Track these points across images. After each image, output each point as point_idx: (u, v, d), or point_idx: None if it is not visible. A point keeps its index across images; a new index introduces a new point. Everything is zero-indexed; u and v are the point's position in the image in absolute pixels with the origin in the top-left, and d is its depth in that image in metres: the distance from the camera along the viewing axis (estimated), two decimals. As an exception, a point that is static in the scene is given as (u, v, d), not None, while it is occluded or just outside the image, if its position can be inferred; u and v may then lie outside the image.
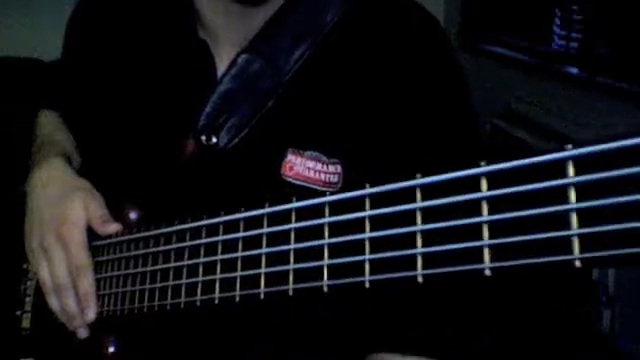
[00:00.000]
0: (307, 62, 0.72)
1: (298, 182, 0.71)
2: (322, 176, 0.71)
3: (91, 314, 0.73)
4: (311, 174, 0.71)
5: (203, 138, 0.73)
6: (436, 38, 0.75)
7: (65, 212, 0.74)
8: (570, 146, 0.33)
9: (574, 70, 2.24)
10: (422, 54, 0.72)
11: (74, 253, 0.73)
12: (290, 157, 0.71)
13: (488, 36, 2.84)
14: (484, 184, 0.37)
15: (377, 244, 0.44)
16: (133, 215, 0.75)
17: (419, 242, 0.41)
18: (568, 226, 0.33)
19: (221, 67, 0.75)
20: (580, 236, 0.32)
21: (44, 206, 0.76)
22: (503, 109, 2.48)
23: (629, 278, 1.60)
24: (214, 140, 0.72)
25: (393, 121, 0.71)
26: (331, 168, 0.71)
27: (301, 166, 0.71)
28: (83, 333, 0.76)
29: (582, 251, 0.32)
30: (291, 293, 0.50)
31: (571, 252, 0.32)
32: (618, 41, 2.06)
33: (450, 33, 2.89)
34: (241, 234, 0.57)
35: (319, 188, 0.71)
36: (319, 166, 0.71)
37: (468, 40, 2.89)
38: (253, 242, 0.56)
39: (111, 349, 0.75)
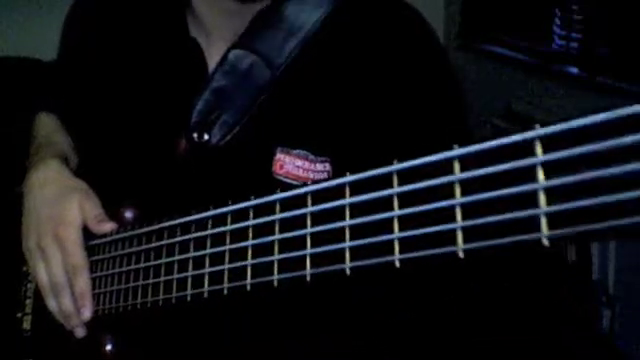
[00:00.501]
0: (297, 58, 0.72)
1: (289, 180, 0.71)
2: (311, 174, 0.71)
3: (87, 313, 0.74)
4: (300, 172, 0.71)
5: (195, 135, 0.73)
6: (425, 36, 0.75)
7: (61, 212, 0.75)
8: (538, 126, 0.33)
9: (574, 70, 2.24)
10: (410, 51, 0.72)
11: (70, 253, 0.73)
12: (279, 155, 0.71)
13: (488, 36, 2.83)
14: (457, 167, 0.37)
15: (357, 231, 0.44)
16: (128, 214, 0.76)
17: (396, 227, 0.41)
18: (537, 205, 0.33)
19: (212, 63, 0.75)
20: (547, 214, 0.32)
21: (41, 207, 0.77)
22: (503, 109, 2.47)
23: (629, 278, 1.59)
24: (206, 137, 0.73)
25: (382, 118, 0.71)
26: (319, 166, 0.71)
27: (290, 164, 0.71)
28: (80, 332, 0.76)
29: (550, 229, 0.32)
30: (276, 284, 0.51)
31: (539, 231, 0.33)
32: (618, 41, 2.05)
33: (450, 33, 2.88)
34: (228, 227, 0.57)
35: None
36: (307, 164, 0.71)
37: (468, 40, 2.89)
38: (240, 235, 0.56)
39: (108, 347, 0.76)
